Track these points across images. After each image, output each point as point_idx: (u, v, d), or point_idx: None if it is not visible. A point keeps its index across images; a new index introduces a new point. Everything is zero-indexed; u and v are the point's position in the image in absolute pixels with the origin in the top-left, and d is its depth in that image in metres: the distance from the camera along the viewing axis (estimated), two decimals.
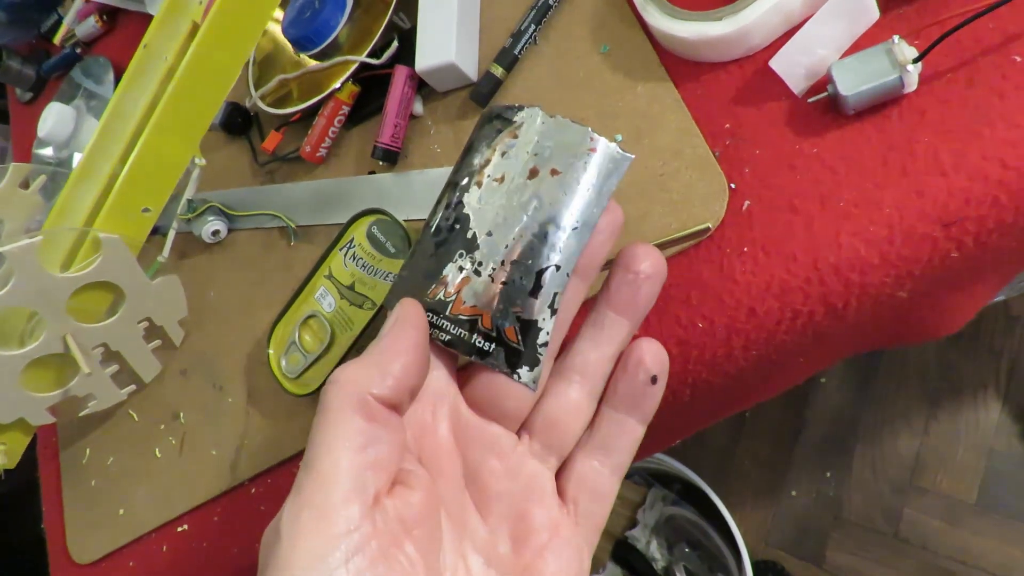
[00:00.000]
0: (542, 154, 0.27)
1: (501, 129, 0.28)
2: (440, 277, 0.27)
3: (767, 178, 0.36)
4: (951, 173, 0.32)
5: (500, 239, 0.27)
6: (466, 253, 0.27)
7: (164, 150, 0.48)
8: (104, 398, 0.56)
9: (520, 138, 0.28)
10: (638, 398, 0.29)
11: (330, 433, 0.22)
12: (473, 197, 0.28)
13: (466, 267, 0.27)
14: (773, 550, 1.12)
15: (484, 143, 0.28)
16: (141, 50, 0.51)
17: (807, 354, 0.39)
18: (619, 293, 0.29)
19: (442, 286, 0.27)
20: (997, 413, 1.03)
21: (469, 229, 0.27)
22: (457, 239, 0.27)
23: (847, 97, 0.33)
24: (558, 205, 0.26)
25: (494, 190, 0.27)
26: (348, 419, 0.23)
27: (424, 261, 0.28)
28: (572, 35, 0.44)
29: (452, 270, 0.27)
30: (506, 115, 0.28)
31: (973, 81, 0.33)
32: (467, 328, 0.26)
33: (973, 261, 0.34)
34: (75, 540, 0.59)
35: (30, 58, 0.85)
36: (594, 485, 0.29)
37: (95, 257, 0.49)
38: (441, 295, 0.27)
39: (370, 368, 0.24)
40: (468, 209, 0.27)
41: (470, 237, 0.27)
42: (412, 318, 0.26)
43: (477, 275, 0.27)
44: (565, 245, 0.26)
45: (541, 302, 0.26)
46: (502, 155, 0.27)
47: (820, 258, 0.34)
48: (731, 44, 0.37)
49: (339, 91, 0.50)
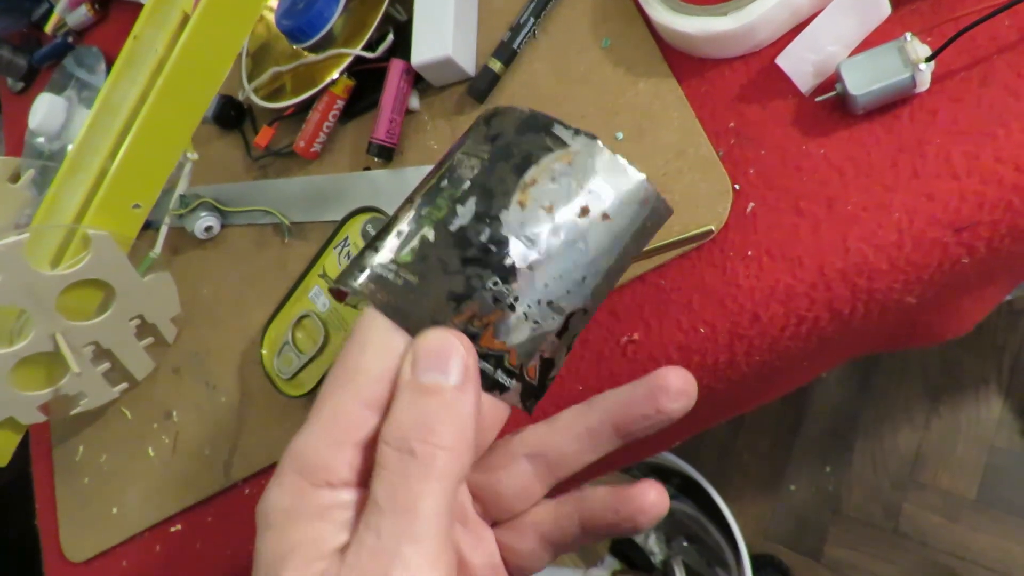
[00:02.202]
0: (597, 193, 0.25)
1: (552, 148, 0.25)
2: (470, 303, 0.24)
3: (772, 179, 0.35)
4: (963, 176, 0.31)
5: (540, 277, 0.24)
6: (501, 283, 0.24)
7: (155, 144, 0.47)
8: (96, 396, 0.55)
9: (574, 168, 0.25)
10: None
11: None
12: (513, 217, 0.24)
13: (502, 299, 0.24)
14: (772, 544, 1.12)
15: (528, 155, 0.25)
16: (131, 41, 0.50)
17: (811, 359, 0.38)
18: (631, 420, 0.25)
19: (472, 314, 0.24)
20: (998, 409, 1.02)
21: (507, 256, 0.24)
22: (492, 262, 0.24)
23: (856, 96, 0.32)
24: (603, 252, 0.25)
25: (539, 218, 0.24)
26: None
27: (447, 277, 0.24)
28: (572, 29, 0.43)
29: (486, 298, 0.24)
30: (560, 134, 0.25)
31: (987, 80, 0.31)
32: (492, 363, 0.24)
33: (984, 266, 0.33)
34: (69, 538, 0.58)
35: (21, 47, 0.83)
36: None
37: (84, 254, 0.48)
38: (470, 324, 0.24)
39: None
40: (507, 230, 0.24)
41: (508, 265, 0.24)
42: (473, 375, 0.22)
43: (512, 310, 0.24)
44: (597, 290, 0.25)
45: (564, 342, 0.25)
46: (552, 180, 0.25)
47: (826, 263, 0.33)
48: (736, 40, 0.36)
49: (333, 85, 0.49)
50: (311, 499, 0.21)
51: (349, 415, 0.21)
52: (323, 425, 0.21)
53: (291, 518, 0.21)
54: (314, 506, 0.21)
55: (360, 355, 0.22)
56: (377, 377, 0.21)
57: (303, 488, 0.21)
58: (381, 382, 0.21)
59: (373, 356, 0.22)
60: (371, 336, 0.22)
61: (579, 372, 0.39)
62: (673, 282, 0.37)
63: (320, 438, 0.21)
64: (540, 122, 0.25)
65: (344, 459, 0.21)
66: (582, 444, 0.25)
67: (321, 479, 0.21)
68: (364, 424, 0.21)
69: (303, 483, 0.21)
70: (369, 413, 0.21)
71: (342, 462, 0.21)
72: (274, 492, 0.21)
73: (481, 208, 0.24)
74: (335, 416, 0.21)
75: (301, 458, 0.21)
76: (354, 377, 0.22)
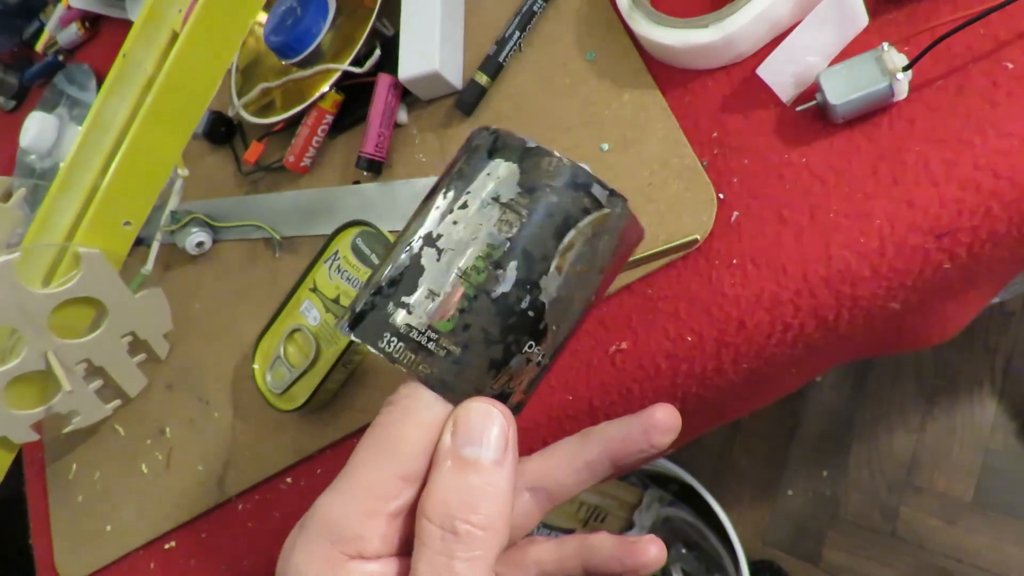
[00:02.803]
0: (620, 254, 0.26)
1: (589, 210, 0.24)
2: (508, 368, 0.23)
3: (756, 188, 0.36)
4: (942, 183, 0.31)
5: (563, 330, 0.25)
6: (535, 344, 0.24)
7: (145, 162, 0.47)
8: (88, 414, 0.55)
9: (606, 229, 0.24)
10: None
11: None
12: (551, 283, 0.24)
13: (533, 359, 0.24)
14: (770, 549, 1.12)
15: (568, 216, 0.24)
16: (120, 60, 0.50)
17: (799, 365, 0.38)
18: (627, 455, 0.26)
19: (508, 377, 0.24)
20: (993, 411, 1.03)
21: (544, 321, 0.24)
22: (528, 327, 0.24)
23: (836, 106, 0.33)
24: (598, 290, 0.25)
25: (571, 282, 0.24)
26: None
27: (489, 346, 0.23)
28: (557, 42, 0.44)
29: (521, 361, 0.24)
30: (597, 195, 0.24)
31: (964, 89, 0.32)
32: (512, 410, 0.24)
33: (966, 271, 0.33)
34: (63, 556, 0.58)
35: (12, 66, 0.84)
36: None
37: (75, 272, 0.48)
38: (505, 386, 0.24)
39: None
40: (545, 296, 0.24)
41: (541, 328, 0.24)
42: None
43: (539, 367, 0.24)
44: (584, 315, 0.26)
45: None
46: (585, 242, 0.24)
47: (810, 270, 0.33)
48: (718, 52, 0.37)
49: (322, 100, 0.49)
50: (342, 570, 0.21)
51: (386, 486, 0.21)
52: (358, 494, 0.21)
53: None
54: (356, 571, 0.21)
55: (402, 425, 0.22)
56: (418, 451, 0.22)
57: (334, 558, 0.21)
58: (422, 456, 0.22)
59: (415, 428, 0.22)
60: (413, 406, 0.22)
61: (568, 381, 0.39)
62: (660, 291, 0.37)
63: (354, 507, 0.21)
64: (581, 180, 0.24)
65: (378, 531, 0.21)
66: (581, 476, 0.27)
67: (354, 550, 0.21)
68: (400, 495, 0.21)
69: (334, 552, 0.21)
70: (405, 484, 0.21)
71: (376, 533, 0.21)
72: (302, 557, 0.21)
73: (522, 274, 0.23)
74: (371, 486, 0.21)
75: (334, 526, 0.21)
76: (395, 448, 0.22)
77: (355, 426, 0.45)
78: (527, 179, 0.24)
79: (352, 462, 0.22)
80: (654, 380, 0.37)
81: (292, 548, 0.22)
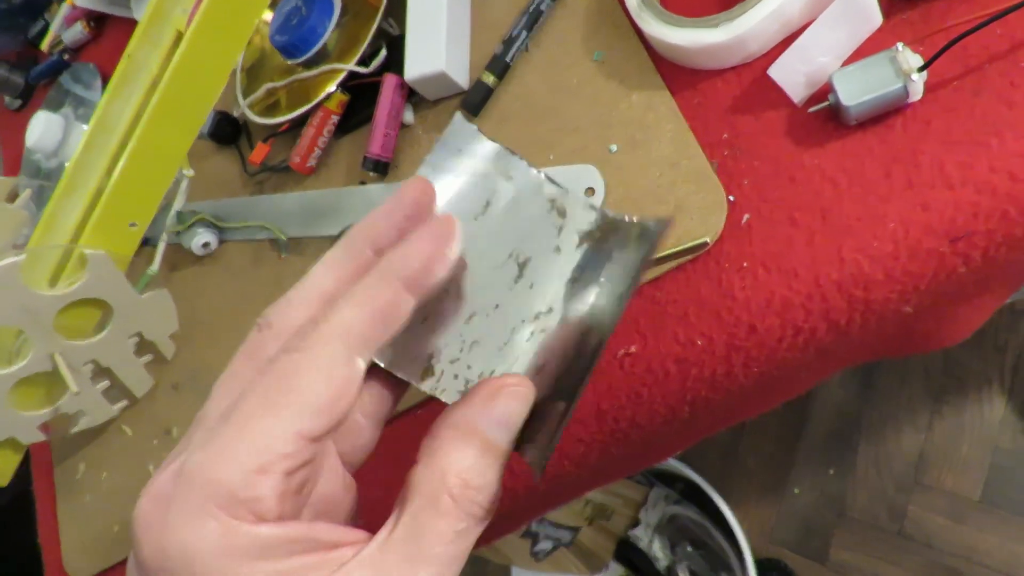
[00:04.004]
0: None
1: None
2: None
3: (767, 191, 0.35)
4: (958, 186, 0.31)
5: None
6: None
7: (150, 163, 0.47)
8: (95, 414, 0.55)
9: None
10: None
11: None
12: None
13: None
14: (777, 548, 1.12)
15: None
16: (125, 60, 0.50)
17: (809, 368, 0.38)
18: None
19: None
20: (1002, 409, 1.02)
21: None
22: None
23: (849, 107, 0.32)
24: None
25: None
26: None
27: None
28: (565, 42, 0.43)
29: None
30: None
31: (980, 90, 0.31)
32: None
33: (981, 275, 0.33)
34: (71, 556, 0.58)
35: (18, 65, 0.84)
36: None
37: (82, 273, 0.48)
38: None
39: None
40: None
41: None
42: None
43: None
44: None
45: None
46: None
47: (822, 274, 0.33)
48: (728, 52, 0.36)
49: (328, 100, 0.49)
50: (243, 540, 0.18)
51: (283, 442, 0.19)
52: (248, 449, 0.18)
53: (231, 562, 0.18)
54: (256, 546, 0.18)
55: (309, 377, 0.20)
56: (325, 409, 0.20)
57: (229, 527, 0.18)
58: (326, 415, 0.20)
59: (326, 383, 0.20)
60: (325, 357, 0.20)
61: None
62: (669, 295, 0.37)
63: (243, 463, 0.18)
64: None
65: (275, 490, 0.19)
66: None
67: (251, 513, 0.18)
68: (297, 455, 0.19)
69: (228, 520, 0.18)
70: (304, 443, 0.19)
71: (273, 493, 0.18)
72: (188, 532, 0.18)
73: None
74: (265, 441, 0.19)
75: (221, 487, 0.18)
76: (299, 401, 0.19)
77: None
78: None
79: (237, 413, 0.19)
80: (663, 384, 0.37)
81: (165, 524, 0.18)
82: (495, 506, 0.21)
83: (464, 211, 0.25)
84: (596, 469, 0.42)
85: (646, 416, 0.38)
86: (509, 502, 0.42)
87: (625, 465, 0.46)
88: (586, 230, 0.26)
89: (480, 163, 0.26)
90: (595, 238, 0.26)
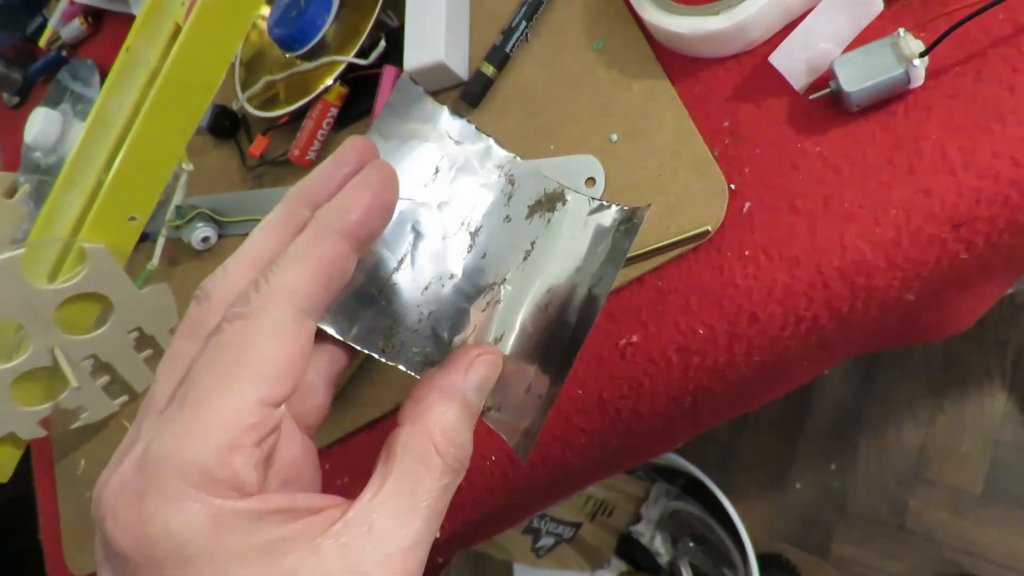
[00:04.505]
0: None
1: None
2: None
3: (768, 178, 0.35)
4: (960, 171, 0.31)
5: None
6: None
7: (149, 157, 0.47)
8: (96, 410, 0.55)
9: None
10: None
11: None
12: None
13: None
14: (778, 543, 1.12)
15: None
16: (123, 53, 0.50)
17: (811, 358, 0.38)
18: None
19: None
20: (1003, 403, 1.02)
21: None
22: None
23: (850, 93, 0.32)
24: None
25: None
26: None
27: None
28: (564, 31, 0.43)
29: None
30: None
31: (982, 75, 0.31)
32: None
33: (983, 261, 0.33)
34: (72, 551, 0.58)
35: (16, 61, 0.84)
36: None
37: (81, 268, 0.47)
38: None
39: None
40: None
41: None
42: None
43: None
44: None
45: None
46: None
47: (824, 261, 0.33)
48: (729, 39, 0.36)
49: (327, 93, 0.49)
50: (230, 519, 0.18)
51: (249, 413, 0.19)
52: (216, 426, 0.18)
53: (222, 539, 0.18)
54: (244, 522, 0.18)
55: (265, 344, 0.19)
56: (284, 373, 0.19)
57: (213, 507, 0.18)
58: (286, 379, 0.19)
59: (282, 347, 0.19)
60: (277, 321, 0.20)
61: (578, 375, 0.39)
62: (670, 283, 0.37)
63: (214, 441, 0.18)
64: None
65: (249, 463, 0.18)
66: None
67: (231, 490, 0.18)
68: (264, 424, 0.19)
69: (210, 500, 0.18)
70: (269, 411, 0.19)
71: (248, 467, 0.18)
72: (174, 519, 0.17)
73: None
74: (232, 415, 0.18)
75: (195, 468, 0.18)
76: (259, 370, 0.19)
77: (363, 420, 0.45)
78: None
79: (193, 392, 0.19)
80: (665, 373, 0.37)
81: (141, 515, 0.18)
82: (468, 464, 0.22)
83: (413, 178, 0.24)
84: (598, 460, 0.41)
85: (648, 406, 0.37)
86: (512, 493, 0.42)
87: (627, 456, 0.46)
88: (536, 200, 0.25)
89: (428, 128, 0.25)
90: (546, 210, 0.25)
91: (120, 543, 0.18)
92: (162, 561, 0.17)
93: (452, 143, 0.25)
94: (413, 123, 0.25)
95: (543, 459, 0.40)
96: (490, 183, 0.25)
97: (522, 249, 0.25)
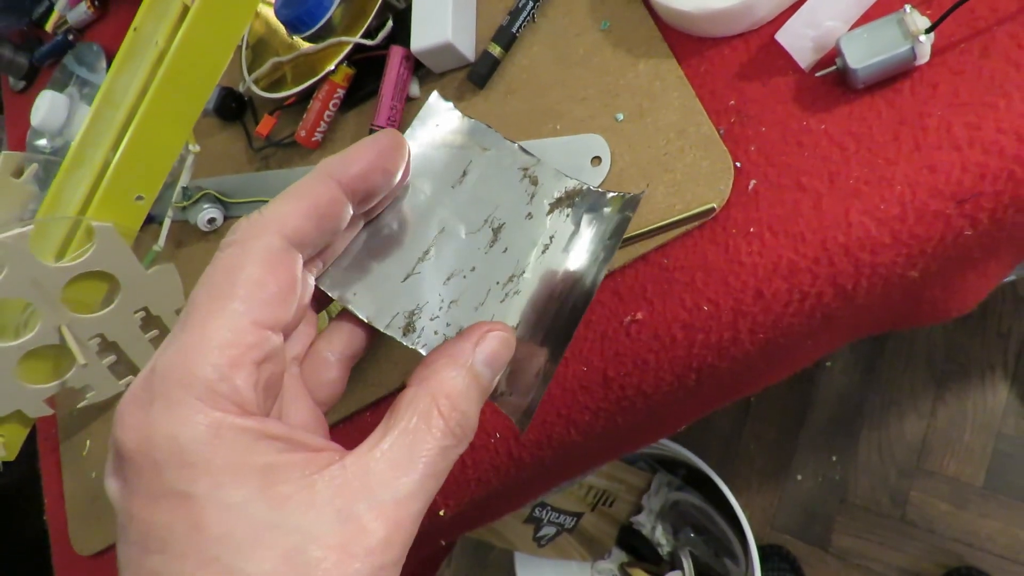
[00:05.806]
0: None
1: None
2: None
3: (774, 156, 0.35)
4: (965, 147, 0.31)
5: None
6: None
7: (156, 137, 0.47)
8: (102, 389, 0.55)
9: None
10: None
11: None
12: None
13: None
14: (779, 534, 1.12)
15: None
16: (131, 34, 0.50)
17: (815, 336, 0.38)
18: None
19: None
20: (1005, 395, 1.02)
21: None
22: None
23: (856, 70, 0.32)
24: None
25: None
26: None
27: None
28: (571, 11, 0.43)
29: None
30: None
31: (988, 51, 0.31)
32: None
33: (988, 238, 0.33)
34: (78, 532, 0.59)
35: (22, 46, 0.84)
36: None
37: (88, 246, 0.48)
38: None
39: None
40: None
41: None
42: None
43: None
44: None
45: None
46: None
47: (829, 238, 0.33)
48: (735, 17, 0.36)
49: (333, 74, 0.49)
50: (232, 431, 0.18)
51: (247, 334, 0.19)
52: (216, 343, 0.19)
53: (220, 451, 0.18)
54: (245, 438, 0.18)
55: (255, 267, 0.20)
56: (277, 296, 0.20)
57: (215, 419, 0.18)
58: (281, 302, 0.20)
59: (271, 272, 0.20)
60: (265, 247, 0.21)
61: (582, 353, 0.39)
62: (676, 261, 0.37)
63: (215, 358, 0.19)
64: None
65: (250, 381, 0.19)
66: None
67: (233, 404, 0.19)
68: (262, 345, 0.20)
69: (212, 412, 0.18)
70: (265, 333, 0.20)
71: (248, 384, 0.19)
72: (178, 424, 0.18)
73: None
74: (230, 334, 0.19)
75: (198, 380, 0.18)
76: (251, 293, 0.20)
77: (370, 399, 0.45)
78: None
79: (194, 313, 0.19)
80: (670, 350, 0.37)
81: (148, 419, 0.18)
82: (471, 437, 0.22)
83: (442, 180, 0.27)
84: (602, 439, 0.42)
85: (652, 383, 0.38)
86: (516, 472, 0.42)
87: (631, 437, 0.46)
88: (556, 198, 0.27)
89: (457, 137, 0.27)
90: (565, 206, 0.27)
91: (126, 445, 0.18)
92: (162, 464, 0.18)
93: (480, 149, 0.27)
94: (443, 133, 0.27)
95: (548, 437, 0.41)
96: (514, 185, 0.27)
97: (541, 243, 0.26)
